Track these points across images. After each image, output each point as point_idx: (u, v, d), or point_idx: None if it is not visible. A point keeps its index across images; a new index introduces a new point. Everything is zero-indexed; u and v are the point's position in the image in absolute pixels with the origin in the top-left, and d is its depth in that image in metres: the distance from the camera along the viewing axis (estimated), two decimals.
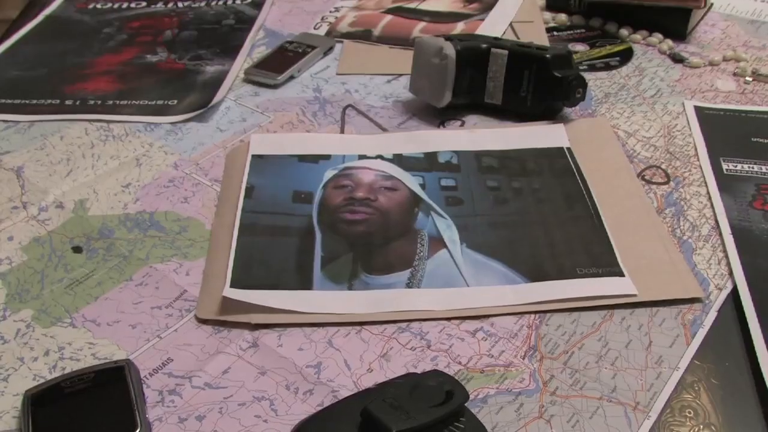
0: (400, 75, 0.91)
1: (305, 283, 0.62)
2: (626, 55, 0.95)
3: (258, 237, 0.66)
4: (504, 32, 0.99)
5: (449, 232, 0.66)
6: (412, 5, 1.08)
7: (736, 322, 0.58)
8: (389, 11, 1.06)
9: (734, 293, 0.61)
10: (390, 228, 0.67)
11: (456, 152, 0.76)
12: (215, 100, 0.86)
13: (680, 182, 0.73)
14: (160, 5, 1.12)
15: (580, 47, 0.97)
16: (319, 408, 0.51)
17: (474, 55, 0.81)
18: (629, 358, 0.55)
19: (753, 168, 0.74)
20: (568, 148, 0.76)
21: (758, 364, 0.54)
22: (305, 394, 0.53)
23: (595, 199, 0.69)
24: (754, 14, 1.04)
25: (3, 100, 0.89)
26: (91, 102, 0.88)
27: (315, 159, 0.75)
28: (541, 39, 0.98)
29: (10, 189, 0.74)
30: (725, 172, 0.74)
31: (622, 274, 0.61)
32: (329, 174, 0.73)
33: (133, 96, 0.89)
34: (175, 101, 0.87)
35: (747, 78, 0.89)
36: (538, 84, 0.80)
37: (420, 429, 0.45)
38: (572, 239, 0.65)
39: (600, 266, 0.62)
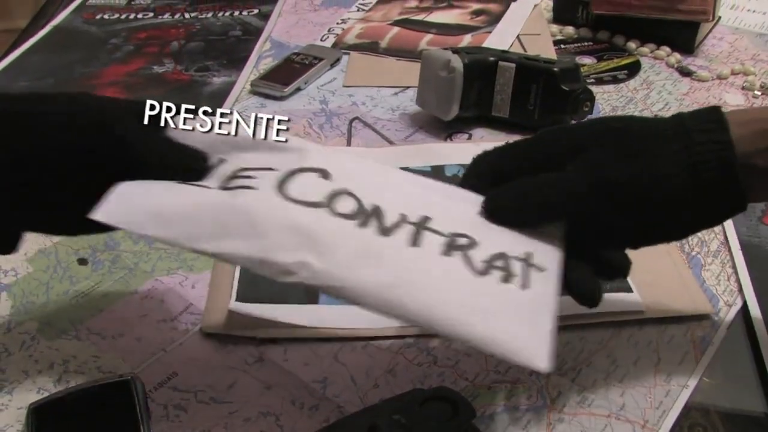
0: (407, 87, 0.91)
1: (311, 298, 0.61)
2: (634, 69, 0.95)
3: None
4: (511, 45, 0.99)
5: None
6: (419, 17, 1.08)
7: (746, 339, 0.58)
8: (396, 23, 1.06)
9: (744, 310, 0.60)
10: None
11: (463, 166, 0.75)
12: None
13: None
14: (167, 16, 1.13)
15: (587, 60, 0.97)
16: (325, 424, 0.51)
17: (481, 68, 0.81)
18: (638, 376, 0.55)
19: None
20: None
21: None
22: (311, 409, 0.53)
23: None
24: (762, 28, 1.04)
25: None
26: None
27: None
28: (549, 52, 0.98)
29: None
30: None
31: (629, 290, 0.61)
32: None
33: None
34: None
35: (756, 92, 0.89)
36: (546, 97, 0.80)
37: None
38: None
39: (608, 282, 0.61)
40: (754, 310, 0.60)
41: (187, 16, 1.12)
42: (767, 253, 0.65)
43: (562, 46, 1.01)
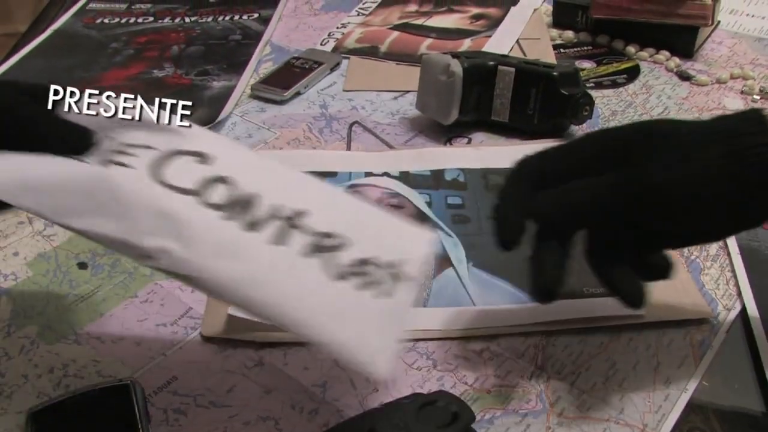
0: (407, 92, 0.91)
1: None
2: (633, 73, 0.95)
3: None
4: (511, 49, 0.99)
5: (456, 250, 0.66)
6: (418, 22, 1.08)
7: (744, 343, 0.58)
8: (396, 28, 1.06)
9: (743, 314, 0.60)
10: None
11: (463, 170, 0.76)
12: (222, 115, 0.86)
13: None
14: (167, 20, 1.13)
15: (586, 64, 0.97)
16: (325, 428, 0.51)
17: (481, 73, 0.81)
18: (637, 379, 0.55)
19: None
20: None
21: (767, 385, 0.54)
22: (311, 413, 0.53)
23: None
24: (761, 32, 1.04)
25: None
26: None
27: (321, 176, 0.75)
28: (548, 56, 0.98)
29: None
30: None
31: None
32: None
33: None
34: None
35: (755, 96, 0.89)
36: (545, 102, 0.80)
37: None
38: (579, 258, 0.65)
39: None
40: (753, 314, 0.60)
41: (187, 20, 1.13)
42: (766, 257, 0.65)
43: (562, 50, 1.01)
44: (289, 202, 0.49)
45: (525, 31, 1.04)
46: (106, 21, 1.13)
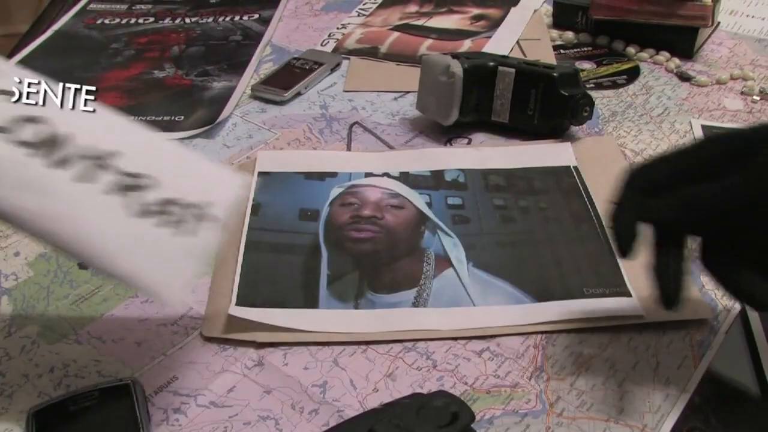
0: (407, 92, 0.91)
1: (311, 302, 0.61)
2: (633, 74, 0.95)
3: (264, 255, 0.66)
4: (511, 50, 0.99)
5: (456, 250, 0.66)
6: (419, 22, 1.08)
7: (744, 343, 0.58)
8: (396, 28, 1.07)
9: (742, 314, 0.60)
10: (396, 246, 0.67)
11: (463, 170, 0.76)
12: (222, 116, 0.87)
13: None
14: (167, 21, 1.13)
15: (586, 65, 0.97)
16: (325, 428, 0.51)
17: (481, 73, 0.81)
18: (636, 380, 0.55)
19: None
20: (575, 167, 0.76)
21: (767, 386, 0.54)
22: (311, 413, 0.53)
23: (602, 219, 0.69)
24: (761, 33, 1.04)
25: None
26: None
27: (321, 176, 0.75)
28: (548, 57, 0.98)
29: None
30: None
31: (629, 294, 0.61)
32: (336, 191, 0.73)
33: (140, 112, 0.89)
34: (182, 117, 0.87)
35: (754, 97, 0.89)
36: (545, 102, 0.80)
37: None
38: (579, 259, 0.65)
39: (607, 286, 0.62)
40: (753, 315, 0.60)
41: (187, 21, 1.13)
42: None
43: (562, 51, 1.01)
44: (102, 144, 0.51)
45: (525, 32, 1.04)
46: (106, 22, 1.13)
